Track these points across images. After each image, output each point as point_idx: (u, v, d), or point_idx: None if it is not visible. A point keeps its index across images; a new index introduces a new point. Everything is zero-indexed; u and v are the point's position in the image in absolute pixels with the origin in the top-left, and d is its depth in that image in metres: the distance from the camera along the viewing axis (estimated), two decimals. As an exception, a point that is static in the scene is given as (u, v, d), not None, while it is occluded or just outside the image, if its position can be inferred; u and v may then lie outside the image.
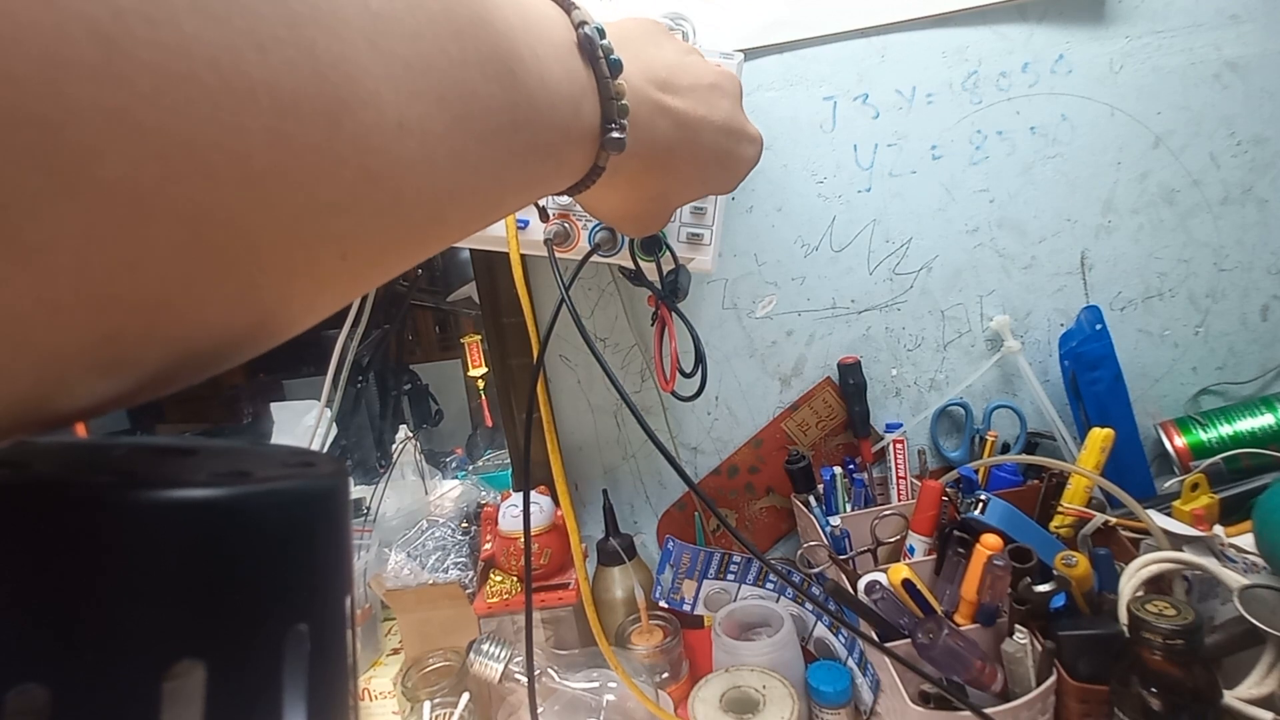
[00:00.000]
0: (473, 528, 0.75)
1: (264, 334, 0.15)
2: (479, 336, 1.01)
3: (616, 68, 0.25)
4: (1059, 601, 0.53)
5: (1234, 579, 0.50)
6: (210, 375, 0.15)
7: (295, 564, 0.15)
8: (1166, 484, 0.66)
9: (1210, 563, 0.52)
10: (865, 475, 0.74)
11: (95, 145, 0.10)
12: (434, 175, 0.17)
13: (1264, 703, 0.46)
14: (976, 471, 0.69)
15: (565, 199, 0.55)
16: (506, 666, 0.57)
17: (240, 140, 0.11)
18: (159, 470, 0.14)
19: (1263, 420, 0.67)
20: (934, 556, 0.62)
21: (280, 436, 0.94)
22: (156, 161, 0.10)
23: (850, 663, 0.59)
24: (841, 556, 0.64)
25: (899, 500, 0.72)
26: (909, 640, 0.52)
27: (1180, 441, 0.69)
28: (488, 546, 0.71)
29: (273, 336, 0.15)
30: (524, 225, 0.57)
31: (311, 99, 0.13)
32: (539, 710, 0.55)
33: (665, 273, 0.53)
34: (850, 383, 0.73)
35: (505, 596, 0.67)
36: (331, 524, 0.16)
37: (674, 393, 0.52)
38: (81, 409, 0.13)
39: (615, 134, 0.26)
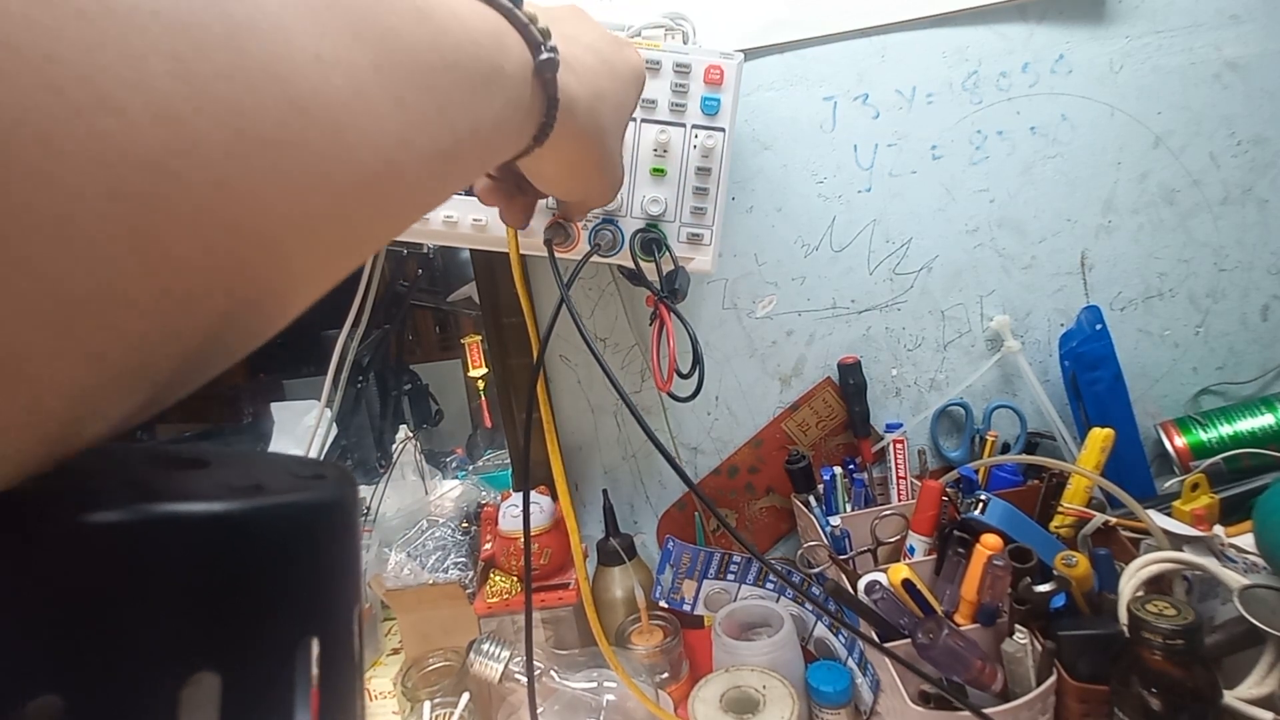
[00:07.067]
0: (473, 528, 0.75)
1: (251, 309, 0.14)
2: (479, 337, 1.01)
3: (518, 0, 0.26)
4: (1059, 601, 0.53)
5: (1234, 579, 0.50)
6: (210, 372, 0.15)
7: (307, 576, 0.15)
8: (1166, 484, 0.66)
9: (1210, 563, 0.52)
10: (865, 475, 0.74)
11: None
12: (373, 117, 0.16)
13: (1264, 703, 0.46)
14: (976, 471, 0.69)
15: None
16: (506, 666, 0.57)
17: (138, 68, 0.11)
18: (174, 483, 0.14)
19: (1263, 420, 0.67)
20: (934, 556, 0.62)
21: (280, 436, 0.94)
22: (53, 95, 0.10)
23: (850, 663, 0.59)
24: (841, 556, 0.64)
25: (899, 500, 0.72)
26: (909, 640, 0.52)
27: (1180, 441, 0.69)
28: (488, 546, 0.71)
29: (257, 315, 0.15)
30: (524, 225, 0.56)
31: (202, 21, 0.12)
32: (539, 710, 0.55)
33: (665, 273, 0.53)
34: (850, 383, 0.73)
35: (505, 596, 0.67)
36: (342, 536, 0.16)
37: (671, 393, 0.52)
38: (106, 432, 0.13)
39: (547, 55, 0.26)
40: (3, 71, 0.09)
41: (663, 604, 0.65)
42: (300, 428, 0.91)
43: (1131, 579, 0.53)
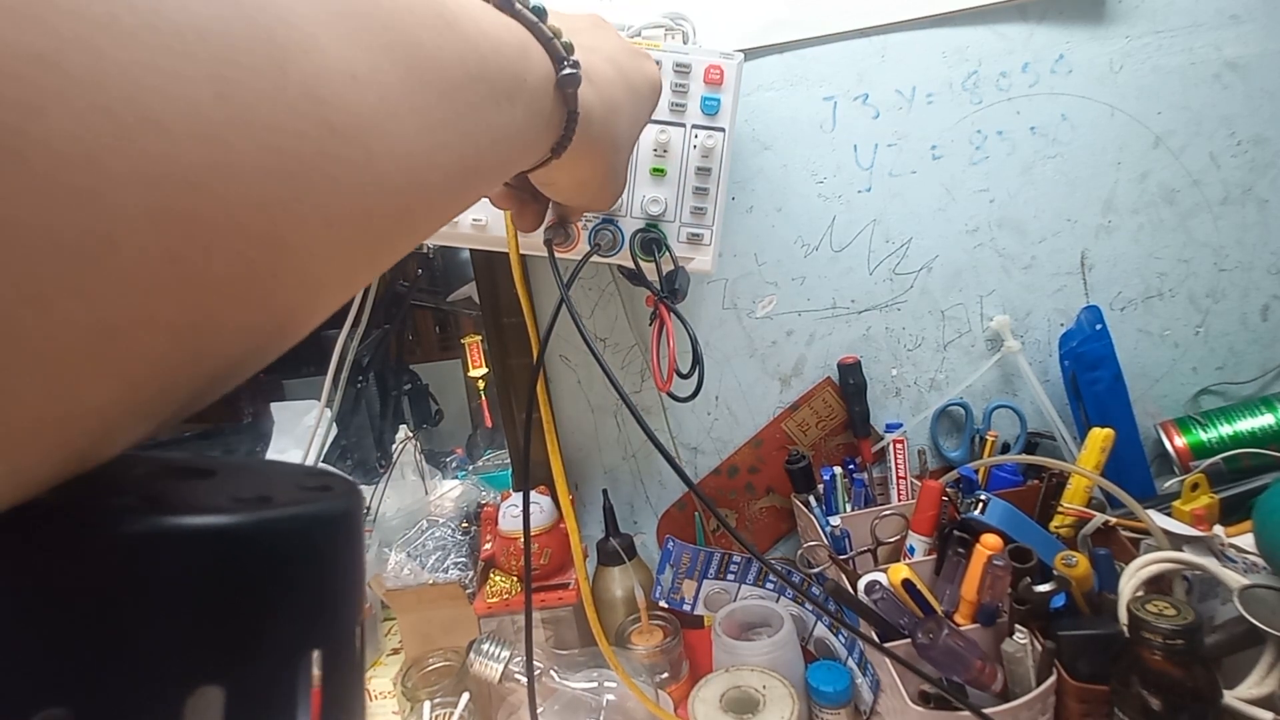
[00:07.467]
0: (473, 528, 0.75)
1: (274, 328, 0.15)
2: (479, 337, 1.01)
3: (541, 14, 0.26)
4: (1059, 601, 0.53)
5: (1234, 579, 0.50)
6: (228, 387, 0.15)
7: (312, 588, 0.15)
8: (1166, 484, 0.66)
9: (1210, 563, 0.52)
10: (865, 475, 0.74)
11: (30, 100, 0.09)
12: (402, 133, 0.16)
13: (1264, 703, 0.46)
14: (976, 471, 0.69)
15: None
16: (506, 666, 0.57)
17: (183, 89, 0.11)
18: (181, 494, 0.14)
19: (1263, 420, 0.67)
20: (934, 556, 0.62)
21: (280, 436, 0.94)
22: (100, 114, 0.10)
23: (850, 663, 0.59)
24: (841, 556, 0.64)
25: (899, 500, 0.72)
26: (909, 640, 0.52)
27: (1180, 441, 0.69)
28: (488, 546, 0.71)
29: (280, 331, 0.15)
30: (524, 225, 0.56)
31: (246, 42, 0.12)
32: (539, 710, 0.55)
33: (665, 273, 0.53)
34: (850, 383, 0.73)
35: (505, 596, 0.67)
36: (347, 549, 0.16)
37: (671, 393, 0.52)
38: (125, 447, 0.13)
39: (569, 70, 0.26)
40: (53, 93, 0.09)
41: (663, 604, 0.65)
42: (300, 428, 0.91)
43: (1131, 579, 0.53)
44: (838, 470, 0.72)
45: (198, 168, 0.11)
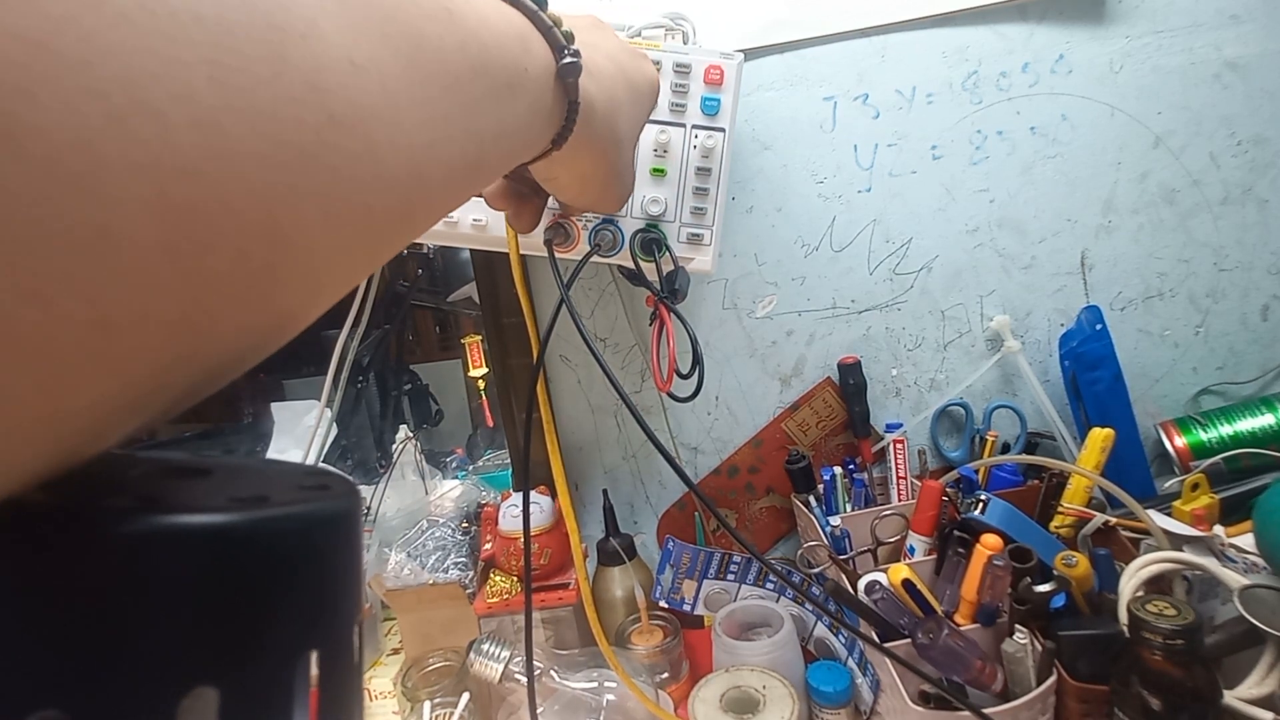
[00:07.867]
0: (473, 528, 0.75)
1: (271, 325, 0.14)
2: (479, 337, 1.01)
3: (542, 2, 0.26)
4: (1059, 601, 0.53)
5: (1234, 579, 0.50)
6: (222, 383, 0.15)
7: (310, 588, 0.15)
8: (1166, 484, 0.66)
9: (1210, 563, 0.52)
10: (865, 475, 0.74)
11: (18, 81, 0.09)
12: (403, 124, 0.16)
13: (1264, 703, 0.46)
14: (976, 471, 0.69)
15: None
16: (506, 666, 0.57)
17: (178, 72, 0.11)
18: (178, 494, 0.14)
19: (1263, 420, 0.67)
20: (934, 556, 0.62)
21: (280, 436, 0.94)
22: (94, 99, 0.09)
23: (850, 663, 0.59)
24: (841, 556, 0.64)
25: (899, 500, 0.72)
26: (909, 640, 0.52)
27: (1180, 441, 0.69)
28: (488, 546, 0.71)
29: (277, 327, 0.15)
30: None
31: (243, 26, 0.12)
32: (539, 710, 0.55)
33: (665, 273, 0.53)
34: (850, 383, 0.73)
35: (505, 596, 0.67)
36: (345, 548, 0.16)
37: (671, 393, 0.52)
38: (118, 441, 0.13)
39: (570, 59, 0.26)
40: (43, 76, 0.09)
41: (663, 604, 0.65)
42: (300, 428, 0.91)
43: (1131, 579, 0.53)
44: (838, 470, 0.72)
45: (193, 154, 0.11)
